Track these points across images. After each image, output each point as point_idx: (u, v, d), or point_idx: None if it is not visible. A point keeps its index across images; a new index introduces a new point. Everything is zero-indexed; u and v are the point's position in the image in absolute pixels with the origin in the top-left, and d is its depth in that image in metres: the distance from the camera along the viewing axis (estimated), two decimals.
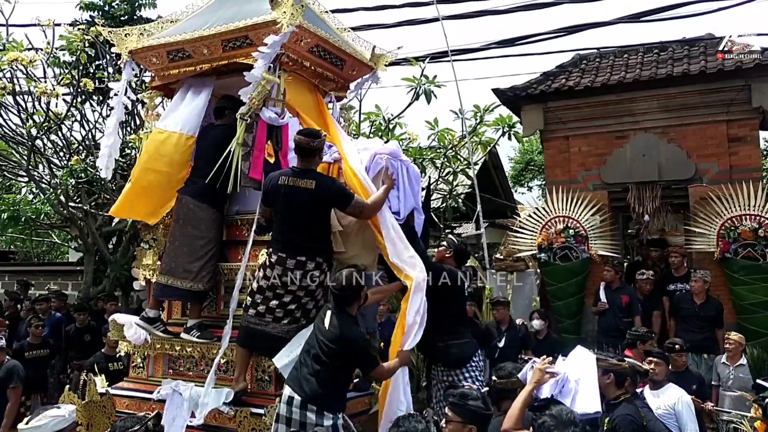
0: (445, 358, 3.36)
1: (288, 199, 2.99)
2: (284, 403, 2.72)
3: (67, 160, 6.77)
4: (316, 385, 2.66)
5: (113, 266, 6.94)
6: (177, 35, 3.56)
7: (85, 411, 3.45)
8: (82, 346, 5.30)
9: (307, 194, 2.96)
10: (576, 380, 2.44)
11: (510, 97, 6.75)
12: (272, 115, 3.23)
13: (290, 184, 2.98)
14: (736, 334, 4.36)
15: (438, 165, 7.47)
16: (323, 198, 2.99)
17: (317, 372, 2.69)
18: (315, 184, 2.96)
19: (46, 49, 6.51)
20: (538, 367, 2.46)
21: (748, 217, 5.49)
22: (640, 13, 7.11)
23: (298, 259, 2.96)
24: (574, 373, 2.47)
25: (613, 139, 6.39)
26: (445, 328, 3.36)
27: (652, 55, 6.75)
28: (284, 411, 2.71)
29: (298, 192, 2.97)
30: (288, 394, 2.73)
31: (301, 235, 3.00)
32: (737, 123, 5.97)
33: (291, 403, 2.69)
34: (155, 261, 3.60)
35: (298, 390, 2.70)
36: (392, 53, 4.06)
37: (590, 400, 2.40)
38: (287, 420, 2.70)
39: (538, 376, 2.42)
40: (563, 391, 2.43)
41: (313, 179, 2.98)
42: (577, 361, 2.58)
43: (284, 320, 3.03)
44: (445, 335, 3.33)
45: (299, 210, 2.98)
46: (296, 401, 2.68)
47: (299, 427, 2.68)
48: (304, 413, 2.67)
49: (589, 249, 6.03)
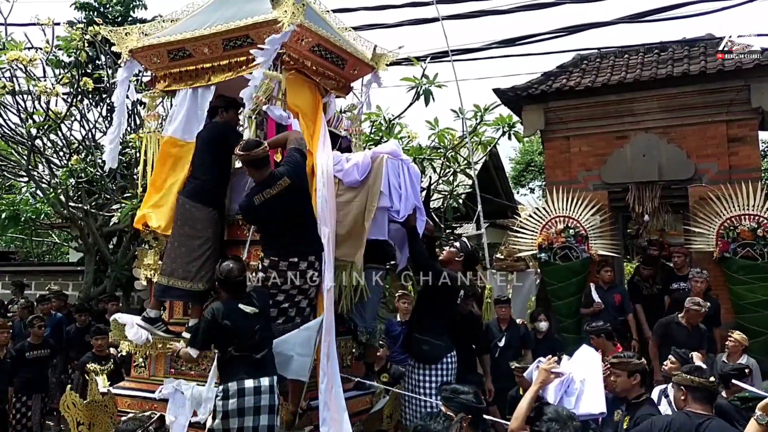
0: (415, 351, 3.49)
1: (271, 211, 3.01)
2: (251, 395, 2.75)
3: (67, 159, 6.77)
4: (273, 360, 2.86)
5: (114, 266, 6.94)
6: (177, 34, 3.56)
7: (87, 411, 3.47)
8: (83, 347, 5.29)
9: (289, 191, 2.99)
10: (581, 380, 2.43)
11: (511, 97, 6.76)
12: (282, 113, 3.24)
13: (268, 197, 2.99)
14: (739, 334, 4.37)
15: (438, 165, 7.48)
16: (301, 175, 3.07)
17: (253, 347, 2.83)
18: (286, 176, 3.01)
19: (45, 48, 6.50)
20: (544, 367, 2.46)
21: (747, 216, 5.51)
22: (641, 13, 7.13)
23: (290, 261, 3.01)
24: (580, 373, 2.46)
25: (614, 139, 6.40)
26: (427, 324, 3.47)
27: (652, 56, 6.76)
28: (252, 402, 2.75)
29: (279, 199, 2.98)
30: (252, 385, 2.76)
31: (292, 237, 3.04)
32: (737, 123, 5.98)
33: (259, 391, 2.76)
34: (156, 261, 3.62)
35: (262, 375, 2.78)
36: (393, 53, 4.07)
37: (595, 400, 2.39)
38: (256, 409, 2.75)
39: (544, 376, 2.42)
40: (568, 391, 2.42)
41: (281, 176, 3.02)
42: (582, 360, 2.57)
43: (279, 320, 3.06)
44: (424, 329, 3.46)
45: (284, 214, 3.02)
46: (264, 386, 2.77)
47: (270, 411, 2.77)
48: (273, 396, 2.79)
49: (589, 249, 6.05)
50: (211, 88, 3.60)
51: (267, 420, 2.76)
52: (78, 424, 3.46)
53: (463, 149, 7.24)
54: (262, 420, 2.75)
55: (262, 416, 2.76)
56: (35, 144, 6.51)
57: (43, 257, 11.50)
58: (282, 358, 2.92)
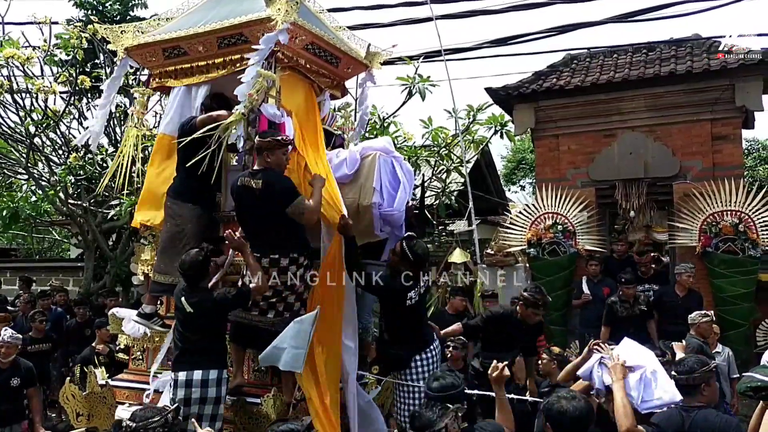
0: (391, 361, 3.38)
1: (240, 199, 3.03)
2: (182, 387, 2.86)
3: (65, 157, 6.85)
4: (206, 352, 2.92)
5: (113, 262, 7.04)
6: (172, 32, 3.58)
7: (86, 402, 3.55)
8: (83, 341, 5.42)
9: (254, 194, 2.96)
10: (652, 371, 2.41)
11: (502, 96, 6.87)
12: (275, 111, 3.24)
13: (244, 183, 2.99)
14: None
15: (432, 163, 7.60)
16: (268, 197, 2.95)
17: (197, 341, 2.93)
18: (262, 183, 2.95)
19: (43, 46, 6.56)
20: (618, 363, 2.40)
21: (729, 213, 5.65)
22: (629, 13, 7.21)
23: (271, 257, 2.98)
24: (649, 365, 2.44)
25: (602, 137, 6.53)
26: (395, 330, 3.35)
27: (640, 55, 6.86)
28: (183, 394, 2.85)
29: (248, 191, 2.97)
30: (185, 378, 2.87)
31: (266, 233, 3.00)
32: (721, 122, 6.10)
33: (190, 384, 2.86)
34: (153, 256, 3.67)
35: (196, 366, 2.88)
36: (387, 51, 4.08)
37: (670, 387, 2.39)
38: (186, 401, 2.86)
39: (623, 371, 2.39)
40: (645, 383, 2.38)
41: (260, 179, 2.97)
42: (635, 352, 2.51)
43: (269, 314, 3.10)
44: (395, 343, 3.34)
45: (251, 209, 3.01)
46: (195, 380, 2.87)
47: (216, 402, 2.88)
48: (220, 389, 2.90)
49: (576, 244, 6.19)
50: (205, 86, 3.62)
51: (212, 410, 2.89)
52: (77, 415, 3.55)
53: (456, 148, 7.36)
54: (206, 410, 2.88)
55: (206, 406, 2.88)
56: (34, 142, 6.56)
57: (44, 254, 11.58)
58: (276, 350, 2.96)
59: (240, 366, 3.24)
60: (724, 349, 4.44)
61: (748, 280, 5.53)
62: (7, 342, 4.02)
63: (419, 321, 3.40)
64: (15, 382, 4.05)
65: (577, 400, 2.16)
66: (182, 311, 2.98)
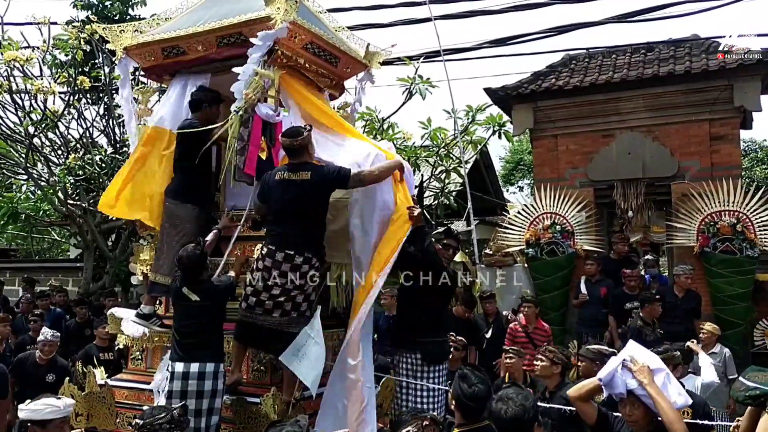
0: (426, 353, 3.43)
1: (282, 194, 3.05)
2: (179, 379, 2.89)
3: (65, 157, 6.86)
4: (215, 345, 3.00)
5: (112, 262, 7.05)
6: (171, 32, 3.58)
7: (85, 402, 3.52)
8: (83, 340, 5.42)
9: (302, 186, 3.01)
10: (666, 374, 2.41)
11: (501, 97, 6.89)
12: (269, 111, 3.23)
13: (286, 178, 3.05)
14: (710, 325, 4.53)
15: (431, 163, 7.61)
16: (322, 184, 3.04)
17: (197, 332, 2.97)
18: (310, 174, 3.03)
19: (43, 47, 6.57)
20: (644, 367, 2.37)
21: (727, 213, 5.67)
22: (628, 13, 7.23)
23: (286, 252, 2.99)
24: (663, 368, 2.44)
25: (600, 137, 6.55)
26: (433, 321, 3.48)
27: (639, 56, 6.88)
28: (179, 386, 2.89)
29: (293, 185, 3.03)
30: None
31: (292, 228, 3.04)
32: (719, 122, 6.12)
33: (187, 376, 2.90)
34: (152, 256, 3.64)
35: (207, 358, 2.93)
36: (386, 51, 4.07)
37: (682, 391, 2.41)
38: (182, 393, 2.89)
39: (650, 375, 2.37)
40: (664, 385, 2.37)
41: (308, 170, 3.04)
42: (648, 355, 2.50)
43: (274, 313, 3.07)
44: (427, 332, 3.44)
45: (292, 203, 3.04)
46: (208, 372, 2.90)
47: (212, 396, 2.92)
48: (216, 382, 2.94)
49: (574, 244, 6.20)
50: (202, 83, 3.60)
51: (208, 404, 2.91)
52: (77, 415, 3.51)
53: (454, 148, 7.38)
54: (203, 404, 2.89)
55: (203, 400, 2.89)
56: (33, 142, 6.56)
57: (43, 254, 11.58)
58: (301, 349, 2.98)
59: (239, 364, 3.24)
60: (722, 349, 4.45)
61: (745, 279, 5.55)
62: (49, 341, 4.30)
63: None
64: (51, 378, 4.23)
65: (513, 401, 2.18)
66: (185, 301, 3.00)
